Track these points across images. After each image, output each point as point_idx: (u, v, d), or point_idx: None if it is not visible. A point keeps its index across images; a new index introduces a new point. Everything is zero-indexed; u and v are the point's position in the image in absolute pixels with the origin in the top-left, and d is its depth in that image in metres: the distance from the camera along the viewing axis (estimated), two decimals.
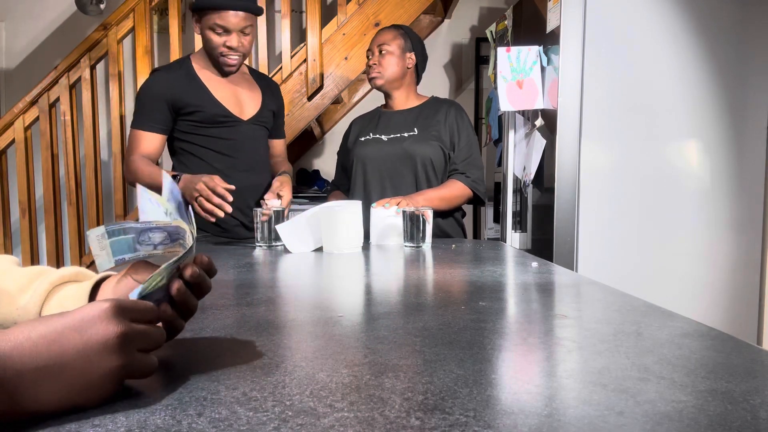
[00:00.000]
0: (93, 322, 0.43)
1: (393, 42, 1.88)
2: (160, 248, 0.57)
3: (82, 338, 0.42)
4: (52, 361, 0.40)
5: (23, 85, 3.54)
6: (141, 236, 0.56)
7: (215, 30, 1.67)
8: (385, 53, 1.87)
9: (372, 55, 1.90)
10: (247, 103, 1.81)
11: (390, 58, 1.87)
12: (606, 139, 2.05)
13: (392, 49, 1.88)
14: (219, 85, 1.77)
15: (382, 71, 1.88)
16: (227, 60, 1.72)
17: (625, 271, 2.04)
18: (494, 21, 2.86)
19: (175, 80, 1.73)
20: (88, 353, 0.42)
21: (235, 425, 0.39)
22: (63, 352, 0.41)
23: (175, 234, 0.57)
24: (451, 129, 1.87)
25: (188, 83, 1.74)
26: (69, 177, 2.88)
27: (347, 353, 0.56)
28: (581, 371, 0.51)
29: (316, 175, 3.80)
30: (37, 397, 0.39)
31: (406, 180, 1.84)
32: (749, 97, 2.07)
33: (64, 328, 0.42)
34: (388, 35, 1.90)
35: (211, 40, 1.70)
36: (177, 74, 1.75)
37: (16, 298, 0.58)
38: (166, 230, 0.56)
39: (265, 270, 1.17)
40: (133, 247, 0.56)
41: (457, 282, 0.99)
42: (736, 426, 0.39)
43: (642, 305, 0.78)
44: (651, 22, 2.04)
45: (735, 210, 2.09)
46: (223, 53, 1.71)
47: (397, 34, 1.91)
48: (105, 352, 0.42)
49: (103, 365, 0.42)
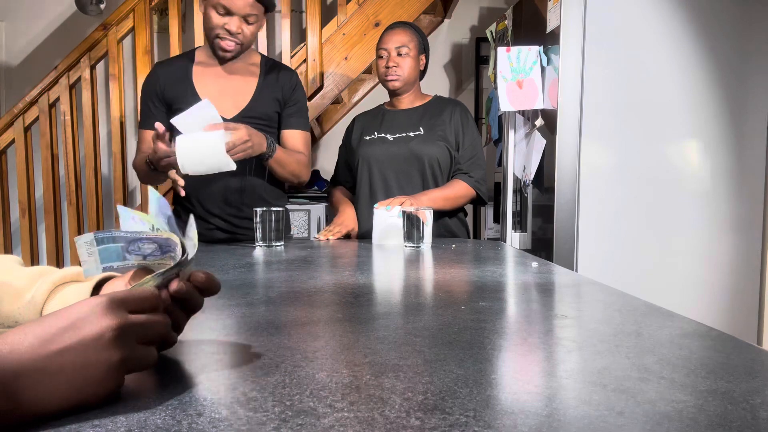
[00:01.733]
0: (87, 318, 0.42)
1: (411, 43, 1.85)
2: (150, 259, 0.55)
3: (77, 335, 0.41)
4: (50, 360, 0.40)
5: (23, 85, 3.54)
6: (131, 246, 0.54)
7: (217, 9, 1.60)
8: (404, 55, 1.84)
9: (387, 55, 1.85)
10: (235, 100, 1.69)
11: (409, 60, 1.85)
12: (606, 139, 2.05)
13: (411, 52, 1.85)
14: (209, 80, 1.70)
15: (402, 73, 1.84)
16: (222, 44, 1.64)
17: (625, 271, 2.04)
18: (494, 21, 2.86)
19: (166, 75, 1.70)
20: (85, 350, 0.41)
21: (235, 425, 0.39)
22: (60, 351, 0.40)
23: (165, 246, 0.55)
24: (456, 129, 1.87)
25: (178, 78, 1.69)
26: (69, 177, 2.88)
27: (347, 353, 0.56)
28: (581, 371, 0.51)
29: (316, 175, 3.80)
30: (38, 398, 0.39)
31: (413, 180, 1.84)
32: (749, 97, 2.07)
33: (59, 326, 0.41)
34: (405, 36, 1.86)
35: (211, 19, 1.62)
36: (171, 68, 1.72)
37: (18, 298, 0.58)
38: (156, 242, 0.55)
39: (265, 270, 1.17)
40: (122, 256, 0.55)
41: (457, 282, 0.99)
42: (736, 426, 0.39)
43: (642, 305, 0.78)
44: (651, 22, 2.04)
45: (735, 210, 2.09)
46: (220, 35, 1.62)
47: (412, 35, 1.88)
48: (101, 347, 0.42)
49: (101, 361, 0.42)
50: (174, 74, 1.70)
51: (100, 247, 0.54)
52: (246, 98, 1.70)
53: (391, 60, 1.84)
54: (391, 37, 1.86)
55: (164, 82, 1.69)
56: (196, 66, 1.72)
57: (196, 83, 1.69)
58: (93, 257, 0.54)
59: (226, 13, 1.61)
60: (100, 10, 3.47)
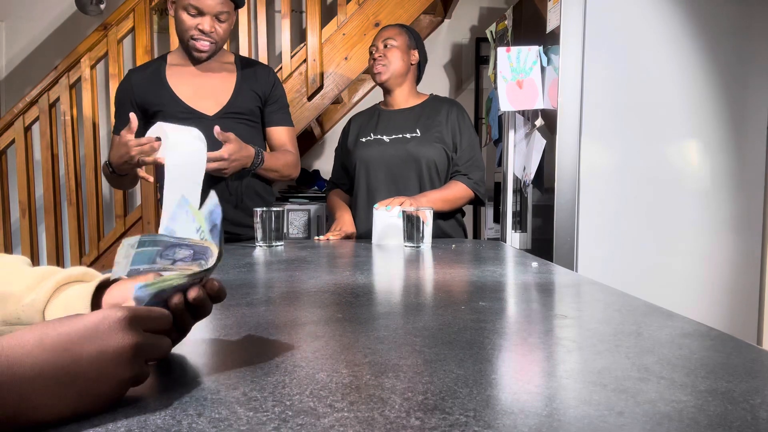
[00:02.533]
0: (108, 332, 0.42)
1: (398, 37, 1.88)
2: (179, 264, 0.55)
3: (96, 347, 0.41)
4: (65, 369, 0.39)
5: (23, 85, 3.54)
6: (166, 250, 0.54)
7: (188, 11, 1.61)
8: (390, 47, 1.86)
9: (376, 50, 1.89)
10: (216, 97, 1.69)
11: (395, 52, 1.86)
12: (606, 139, 2.05)
13: (397, 44, 1.87)
14: (185, 80, 1.69)
15: (387, 64, 1.86)
16: (197, 45, 1.64)
17: (625, 271, 2.04)
18: (494, 21, 2.86)
19: (142, 80, 1.70)
20: (102, 363, 0.41)
21: (235, 425, 0.39)
22: (75, 361, 0.40)
23: (200, 253, 0.55)
24: (453, 130, 1.86)
25: (153, 82, 1.69)
26: (69, 177, 2.88)
27: (347, 353, 0.56)
28: (581, 371, 0.51)
29: (316, 175, 3.80)
30: (44, 406, 0.39)
31: (410, 182, 1.84)
32: (749, 97, 2.07)
33: (77, 335, 0.41)
34: (393, 30, 1.90)
35: (183, 21, 1.62)
36: (145, 74, 1.71)
37: (23, 297, 0.58)
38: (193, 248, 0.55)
39: (265, 270, 1.17)
40: (153, 259, 0.55)
41: (457, 282, 0.99)
42: (736, 426, 0.39)
43: (642, 305, 0.78)
44: (651, 22, 2.04)
45: (735, 210, 2.09)
46: (194, 36, 1.63)
47: (401, 30, 1.91)
48: (119, 362, 0.41)
49: (117, 376, 0.41)
50: (148, 79, 1.70)
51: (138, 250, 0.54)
52: (227, 95, 1.70)
53: (377, 52, 1.88)
54: (380, 34, 1.91)
55: (139, 89, 1.69)
56: (170, 68, 1.72)
57: (172, 85, 1.69)
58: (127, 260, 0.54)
59: (198, 14, 1.62)
60: (100, 10, 3.47)
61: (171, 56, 1.76)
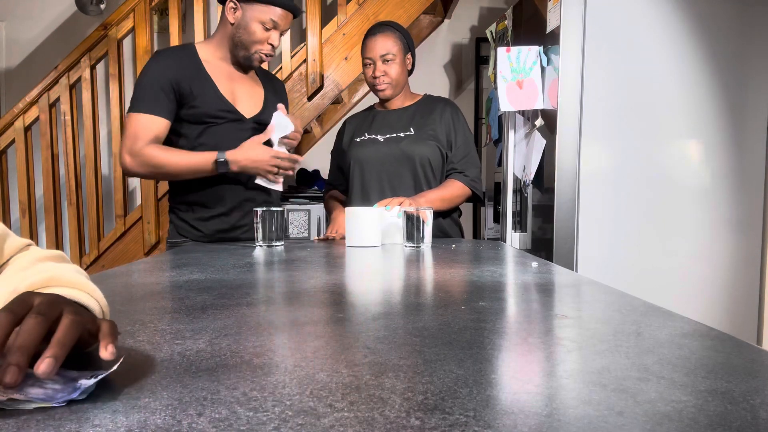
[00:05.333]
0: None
1: (395, 48, 1.82)
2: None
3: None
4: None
5: (23, 85, 3.54)
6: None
7: (265, 24, 1.64)
8: (390, 61, 1.82)
9: (372, 64, 1.83)
10: (250, 102, 1.74)
11: (395, 66, 1.83)
12: (606, 139, 2.05)
13: (397, 57, 1.82)
14: (223, 79, 1.70)
15: (391, 81, 1.83)
16: (263, 57, 1.70)
17: (625, 271, 2.04)
18: (494, 21, 2.86)
19: (179, 65, 1.64)
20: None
21: (235, 425, 0.39)
22: None
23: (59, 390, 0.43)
24: (447, 128, 1.86)
25: (194, 71, 1.66)
26: (69, 177, 2.88)
27: (347, 353, 0.56)
28: (581, 371, 0.51)
29: (316, 175, 3.80)
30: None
31: (404, 181, 1.83)
32: (749, 97, 2.08)
33: None
34: (388, 40, 1.82)
35: (255, 33, 1.65)
36: (181, 60, 1.66)
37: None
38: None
39: (265, 270, 1.17)
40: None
41: (457, 282, 0.99)
42: (736, 426, 0.39)
43: (642, 305, 0.78)
44: (651, 22, 2.04)
45: (735, 210, 2.09)
46: (263, 50, 1.69)
47: (395, 38, 1.83)
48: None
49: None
50: (187, 66, 1.66)
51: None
52: (258, 105, 1.77)
53: (377, 69, 1.82)
54: (374, 44, 1.82)
55: (178, 73, 1.62)
56: (205, 63, 1.70)
57: (214, 79, 1.68)
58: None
59: (273, 28, 1.66)
60: (100, 10, 3.48)
61: (201, 49, 1.72)
